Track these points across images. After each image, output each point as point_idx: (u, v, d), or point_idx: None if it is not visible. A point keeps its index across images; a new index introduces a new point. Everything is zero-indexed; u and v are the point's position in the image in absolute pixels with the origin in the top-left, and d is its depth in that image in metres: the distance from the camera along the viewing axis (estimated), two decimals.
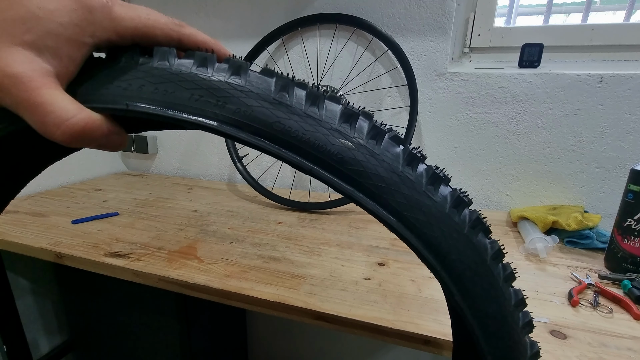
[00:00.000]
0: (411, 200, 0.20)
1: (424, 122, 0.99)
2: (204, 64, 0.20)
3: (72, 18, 0.18)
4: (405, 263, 0.64)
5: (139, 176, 1.25)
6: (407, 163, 0.21)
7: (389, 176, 0.20)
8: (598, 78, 0.82)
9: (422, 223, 0.21)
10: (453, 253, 0.21)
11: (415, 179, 0.21)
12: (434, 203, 0.21)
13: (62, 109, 0.18)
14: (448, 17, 0.90)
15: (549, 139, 0.89)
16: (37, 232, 0.73)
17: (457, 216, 0.21)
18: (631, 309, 0.52)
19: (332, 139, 0.20)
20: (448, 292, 0.22)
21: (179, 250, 0.66)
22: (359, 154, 0.20)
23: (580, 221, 0.73)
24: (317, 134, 0.20)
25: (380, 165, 0.20)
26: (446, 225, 0.21)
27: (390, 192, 0.20)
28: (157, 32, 0.21)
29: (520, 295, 0.24)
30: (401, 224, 0.21)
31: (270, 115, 0.20)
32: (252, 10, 1.04)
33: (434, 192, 0.21)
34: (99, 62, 0.21)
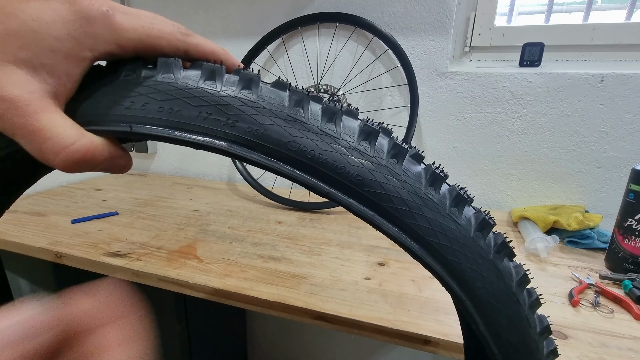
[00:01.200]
0: (434, 224, 0.19)
1: (425, 122, 0.98)
2: (212, 77, 0.19)
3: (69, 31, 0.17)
4: (406, 263, 0.64)
5: (139, 176, 1.25)
6: (430, 183, 0.20)
7: (411, 198, 0.19)
8: (599, 77, 0.82)
9: (446, 249, 0.19)
10: (478, 281, 0.20)
11: (439, 201, 0.19)
12: (458, 227, 0.19)
13: (61, 135, 0.17)
14: (448, 16, 0.89)
15: (549, 138, 0.89)
16: (36, 232, 0.73)
17: (482, 240, 0.20)
18: (632, 309, 0.52)
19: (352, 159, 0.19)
20: (472, 322, 0.20)
21: (178, 250, 0.66)
22: (380, 175, 0.19)
23: (581, 221, 0.73)
24: (336, 154, 0.19)
25: (402, 186, 0.19)
26: (471, 251, 0.20)
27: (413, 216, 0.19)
28: (163, 43, 0.19)
29: (545, 322, 0.22)
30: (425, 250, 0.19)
31: (284, 134, 0.18)
32: (252, 9, 1.04)
33: (458, 214, 0.20)
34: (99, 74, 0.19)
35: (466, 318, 0.20)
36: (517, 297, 0.21)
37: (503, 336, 0.20)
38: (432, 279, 0.59)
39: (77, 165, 0.17)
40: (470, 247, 0.20)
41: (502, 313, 0.20)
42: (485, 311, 0.20)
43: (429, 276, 0.60)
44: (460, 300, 0.20)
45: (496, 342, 0.20)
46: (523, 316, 0.21)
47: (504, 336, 0.20)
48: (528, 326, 0.21)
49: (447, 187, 0.20)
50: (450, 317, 0.49)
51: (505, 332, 0.20)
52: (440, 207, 0.19)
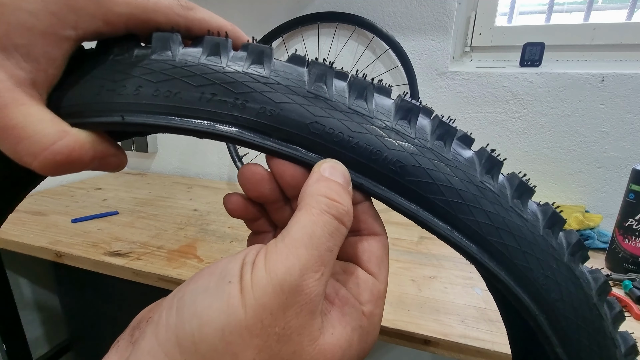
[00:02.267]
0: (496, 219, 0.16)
1: None
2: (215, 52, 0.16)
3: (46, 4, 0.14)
4: (406, 263, 0.64)
5: (139, 175, 1.25)
6: (487, 170, 0.16)
7: (465, 188, 0.16)
8: (599, 77, 0.82)
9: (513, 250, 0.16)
10: (553, 291, 0.16)
11: (498, 191, 0.16)
12: (525, 223, 0.16)
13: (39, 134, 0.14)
14: (449, 15, 0.89)
15: (550, 138, 0.89)
16: (36, 231, 0.73)
17: (554, 239, 0.16)
18: (632, 309, 0.51)
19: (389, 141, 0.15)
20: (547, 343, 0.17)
21: (178, 249, 0.66)
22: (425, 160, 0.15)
23: (582, 221, 0.73)
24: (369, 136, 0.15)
25: (453, 174, 0.16)
26: (542, 253, 0.16)
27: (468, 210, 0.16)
28: (160, 18, 0.16)
29: (631, 341, 0.18)
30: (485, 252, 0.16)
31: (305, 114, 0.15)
32: (252, 8, 1.04)
33: (522, 207, 0.16)
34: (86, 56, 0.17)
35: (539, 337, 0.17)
36: (599, 310, 0.17)
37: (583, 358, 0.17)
38: (432, 279, 0.59)
39: (60, 169, 0.15)
40: (541, 247, 0.16)
41: (583, 330, 0.16)
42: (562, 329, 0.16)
43: (429, 276, 0.60)
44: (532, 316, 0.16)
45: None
46: (607, 333, 0.17)
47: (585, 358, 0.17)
48: (613, 346, 0.17)
49: (505, 176, 0.17)
50: (450, 317, 0.49)
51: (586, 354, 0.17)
52: (502, 198, 0.16)
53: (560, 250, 0.16)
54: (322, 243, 0.14)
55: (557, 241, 0.16)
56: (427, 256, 0.67)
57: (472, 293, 0.55)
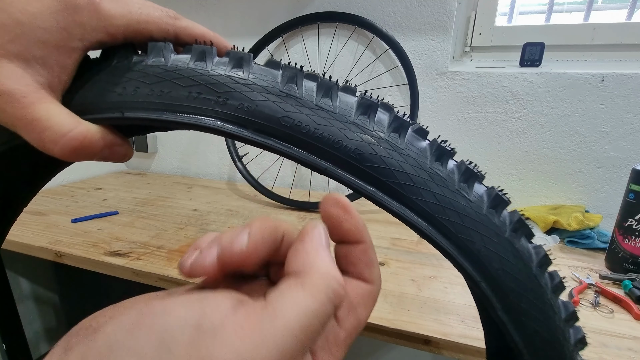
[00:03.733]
0: (443, 199, 0.18)
1: (425, 122, 0.98)
2: (201, 58, 0.18)
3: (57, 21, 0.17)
4: (406, 263, 0.64)
5: (139, 175, 1.25)
6: (436, 158, 0.19)
7: (415, 173, 0.18)
8: (599, 77, 0.82)
9: (457, 226, 0.18)
10: (494, 261, 0.18)
11: (446, 176, 0.18)
12: (469, 203, 0.18)
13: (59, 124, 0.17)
14: (449, 15, 0.89)
15: (550, 138, 0.89)
16: (36, 231, 0.73)
17: (497, 217, 0.19)
18: (632, 309, 0.52)
19: (349, 133, 0.18)
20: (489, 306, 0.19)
21: (178, 249, 0.66)
22: (381, 149, 0.18)
23: (581, 221, 0.73)
24: (332, 128, 0.18)
25: (405, 161, 0.18)
26: (485, 229, 0.18)
27: (418, 191, 0.18)
28: (152, 28, 0.19)
29: (571, 308, 0.21)
30: (432, 228, 0.18)
31: (277, 110, 0.18)
32: (252, 8, 1.04)
33: (468, 190, 0.19)
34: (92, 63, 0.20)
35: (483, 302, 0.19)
36: (538, 279, 0.19)
37: (524, 322, 0.19)
38: (432, 278, 0.59)
39: (76, 153, 0.18)
40: (483, 224, 0.18)
41: (522, 296, 0.19)
42: (503, 294, 0.19)
43: (429, 276, 0.60)
44: (475, 282, 0.18)
45: (517, 328, 0.19)
46: (546, 300, 0.19)
47: (526, 322, 0.19)
48: (552, 312, 0.20)
49: (455, 163, 0.19)
50: (450, 317, 0.49)
51: (526, 317, 0.19)
52: (449, 182, 0.18)
53: (502, 227, 0.19)
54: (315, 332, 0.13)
55: (499, 219, 0.19)
56: (427, 256, 0.67)
57: None
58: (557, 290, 0.20)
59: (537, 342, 0.19)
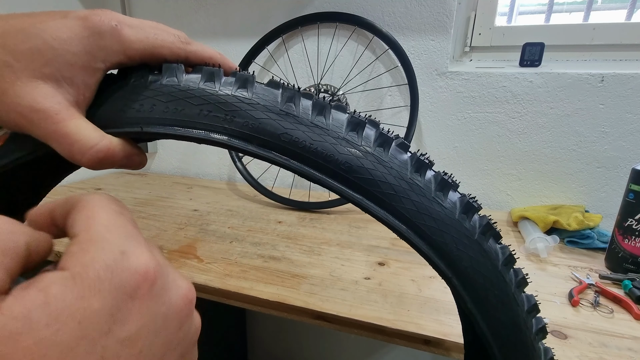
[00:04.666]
0: (420, 206, 0.20)
1: (425, 122, 0.98)
2: (211, 79, 0.21)
3: (84, 46, 0.19)
4: (406, 263, 0.64)
5: (139, 175, 1.25)
6: (415, 170, 0.21)
7: (397, 183, 0.20)
8: (599, 77, 0.82)
9: (432, 230, 0.21)
10: (464, 260, 0.21)
11: (424, 185, 0.21)
12: (443, 209, 0.21)
13: (86, 138, 0.19)
14: (449, 15, 0.89)
15: (549, 138, 0.89)
16: None
17: (467, 222, 0.21)
18: (632, 309, 0.52)
19: (340, 147, 0.20)
20: (460, 299, 0.22)
21: (178, 250, 0.66)
22: (367, 162, 0.20)
23: (581, 221, 0.73)
24: (325, 144, 0.20)
25: (388, 172, 0.20)
26: (456, 232, 0.21)
27: (399, 199, 0.20)
28: (165, 52, 0.22)
29: (532, 301, 0.23)
30: (411, 231, 0.21)
31: (277, 127, 0.20)
32: (252, 8, 1.04)
33: (443, 198, 0.21)
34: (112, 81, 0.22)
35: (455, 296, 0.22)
36: (503, 275, 0.22)
37: (491, 313, 0.21)
38: (432, 278, 0.59)
39: (100, 163, 0.20)
40: (455, 228, 0.21)
41: (489, 291, 0.21)
42: (472, 288, 0.21)
43: (429, 276, 0.60)
44: (447, 278, 0.21)
45: (484, 319, 0.21)
46: (510, 294, 0.22)
47: (492, 313, 0.22)
48: (516, 304, 0.22)
49: (432, 174, 0.21)
50: (450, 317, 0.49)
51: (493, 309, 0.21)
52: (426, 191, 0.21)
53: (472, 230, 0.21)
54: None
55: (470, 223, 0.21)
56: None
57: None
58: (521, 285, 0.23)
59: (503, 332, 0.22)
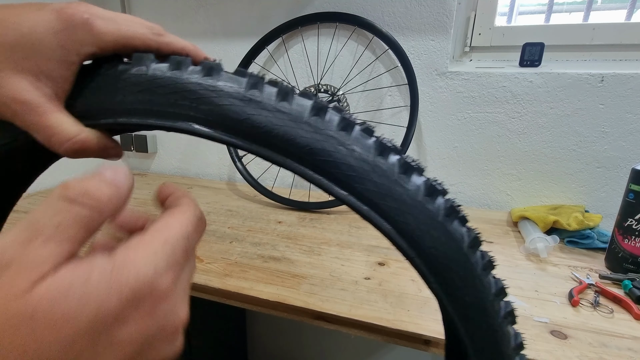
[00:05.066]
0: (382, 187, 0.21)
1: (425, 122, 0.98)
2: (178, 67, 0.21)
3: (59, 40, 0.20)
4: (406, 263, 0.64)
5: (139, 175, 1.25)
6: (379, 153, 0.21)
7: (359, 165, 0.21)
8: (599, 77, 0.82)
9: (394, 210, 0.21)
10: (427, 240, 0.21)
11: (387, 168, 0.21)
12: (406, 191, 0.21)
13: (65, 131, 0.21)
14: (449, 16, 0.89)
15: (549, 138, 0.89)
16: None
17: (431, 204, 0.21)
18: (632, 309, 0.52)
19: (301, 131, 0.21)
20: (425, 279, 0.22)
21: None
22: (328, 145, 0.21)
23: (581, 221, 0.73)
24: (287, 128, 0.20)
25: (350, 154, 0.21)
26: (419, 213, 0.21)
27: (361, 180, 0.21)
28: (137, 43, 0.22)
29: (500, 284, 0.24)
30: (374, 211, 0.21)
31: (240, 113, 0.20)
32: (252, 8, 1.04)
33: (406, 180, 0.21)
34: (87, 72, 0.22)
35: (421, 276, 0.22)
36: (468, 257, 0.22)
37: (456, 294, 0.22)
38: None
39: (76, 153, 0.21)
40: (418, 209, 0.21)
41: (453, 271, 0.21)
42: (436, 269, 0.21)
43: None
44: (410, 258, 0.21)
45: (450, 300, 0.22)
46: (476, 276, 0.22)
47: (457, 294, 0.22)
48: (482, 286, 0.22)
49: (396, 157, 0.22)
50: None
51: (457, 290, 0.22)
52: (389, 173, 0.21)
53: (436, 212, 0.21)
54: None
55: (434, 205, 0.21)
56: None
57: None
58: (487, 268, 0.23)
59: (469, 313, 0.22)
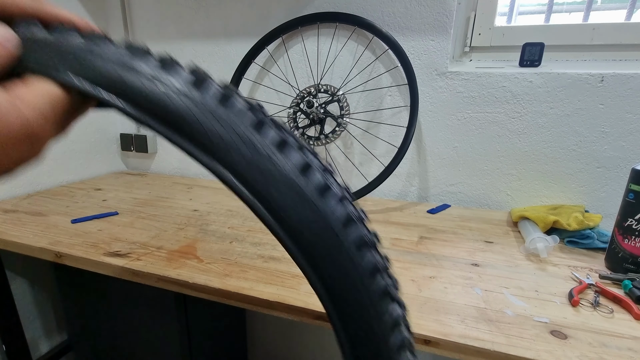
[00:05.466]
0: (251, 160, 0.21)
1: (425, 122, 0.98)
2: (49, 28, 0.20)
3: None
4: (406, 263, 0.64)
5: (139, 175, 1.25)
6: (255, 127, 0.21)
7: (229, 136, 0.21)
8: (599, 77, 0.82)
9: (261, 184, 0.21)
10: (294, 215, 0.21)
11: (260, 142, 0.21)
12: (276, 166, 0.21)
13: None
14: (449, 16, 0.89)
15: (549, 138, 0.89)
16: (36, 232, 0.73)
17: (303, 180, 0.21)
18: (632, 309, 0.52)
19: (174, 98, 0.21)
20: (292, 256, 0.22)
21: (178, 250, 0.66)
22: (199, 113, 0.21)
23: (581, 221, 0.73)
24: (162, 95, 0.20)
25: (222, 126, 0.21)
26: (288, 188, 0.21)
27: (228, 150, 0.21)
28: (14, 9, 0.21)
29: (375, 262, 0.23)
30: (238, 180, 0.21)
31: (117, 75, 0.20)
32: (252, 9, 1.04)
33: (279, 155, 0.21)
34: None
35: (286, 250, 0.22)
36: (337, 234, 0.22)
37: (323, 271, 0.22)
38: (433, 279, 0.59)
39: None
40: (287, 184, 0.21)
41: (320, 247, 0.21)
42: (302, 244, 0.21)
43: (429, 276, 0.60)
44: (275, 232, 0.21)
45: (318, 278, 0.22)
46: (343, 252, 0.22)
47: (325, 271, 0.22)
48: (352, 263, 0.22)
49: (275, 133, 0.22)
50: (450, 317, 0.49)
51: (323, 263, 0.22)
52: (260, 147, 0.21)
53: (307, 188, 0.21)
54: None
55: (306, 181, 0.21)
56: (427, 256, 0.67)
57: (472, 293, 0.55)
58: (361, 246, 0.23)
59: (337, 289, 0.22)
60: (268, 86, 1.09)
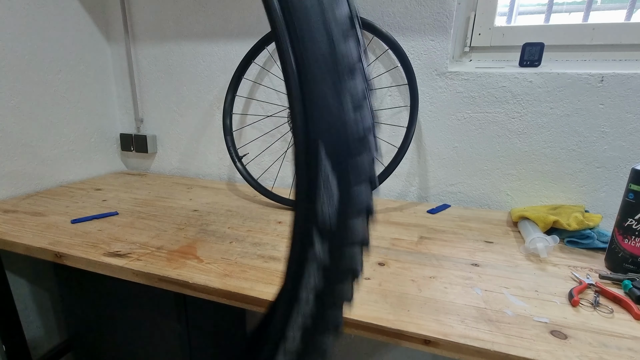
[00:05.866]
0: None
1: (425, 122, 0.98)
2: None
3: None
4: (406, 263, 0.64)
5: (139, 175, 1.25)
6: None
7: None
8: (599, 77, 0.82)
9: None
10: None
11: None
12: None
13: None
14: (448, 16, 0.89)
15: (549, 138, 0.89)
16: (36, 232, 0.73)
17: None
18: (632, 309, 0.52)
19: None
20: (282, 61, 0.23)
21: (178, 250, 0.66)
22: None
23: (581, 221, 0.73)
24: None
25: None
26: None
27: None
28: None
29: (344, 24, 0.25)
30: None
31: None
32: (251, 9, 1.04)
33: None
34: None
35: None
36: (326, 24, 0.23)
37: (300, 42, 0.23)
38: (432, 279, 0.59)
39: None
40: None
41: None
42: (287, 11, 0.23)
43: (429, 276, 0.60)
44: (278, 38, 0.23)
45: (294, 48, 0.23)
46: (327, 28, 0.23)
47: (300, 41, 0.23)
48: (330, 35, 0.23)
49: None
50: (450, 317, 0.49)
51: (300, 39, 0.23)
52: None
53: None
54: None
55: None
56: (427, 256, 0.67)
57: (472, 293, 0.55)
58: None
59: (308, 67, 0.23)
60: (268, 86, 1.09)
